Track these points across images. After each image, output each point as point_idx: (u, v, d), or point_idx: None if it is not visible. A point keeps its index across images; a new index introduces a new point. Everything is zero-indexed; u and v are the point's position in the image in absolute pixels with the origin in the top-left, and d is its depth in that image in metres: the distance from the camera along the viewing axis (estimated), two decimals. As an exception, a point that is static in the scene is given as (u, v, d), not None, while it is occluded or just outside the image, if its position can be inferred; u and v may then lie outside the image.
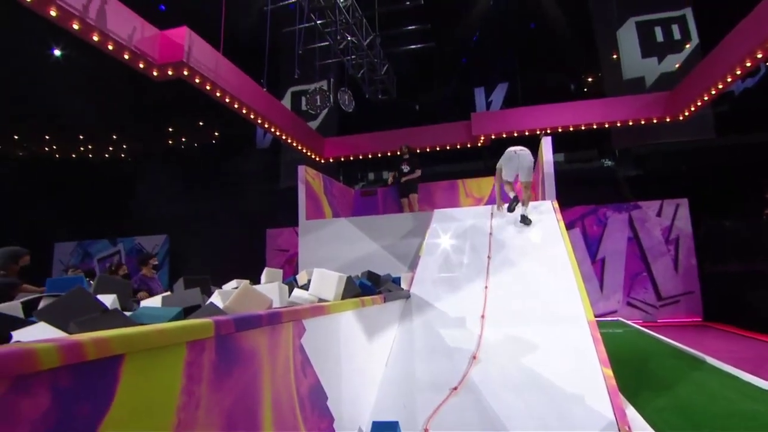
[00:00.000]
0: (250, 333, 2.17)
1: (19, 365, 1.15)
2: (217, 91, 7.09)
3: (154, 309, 2.19)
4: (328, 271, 3.29)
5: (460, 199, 8.69)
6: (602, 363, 3.36)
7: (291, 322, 2.54)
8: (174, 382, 1.70)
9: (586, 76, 12.23)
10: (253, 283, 3.46)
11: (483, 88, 14.49)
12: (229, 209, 11.74)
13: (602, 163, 10.53)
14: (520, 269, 4.89)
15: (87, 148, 18.02)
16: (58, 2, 5.15)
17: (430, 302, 4.73)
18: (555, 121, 9.04)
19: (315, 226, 7.12)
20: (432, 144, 10.13)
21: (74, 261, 12.81)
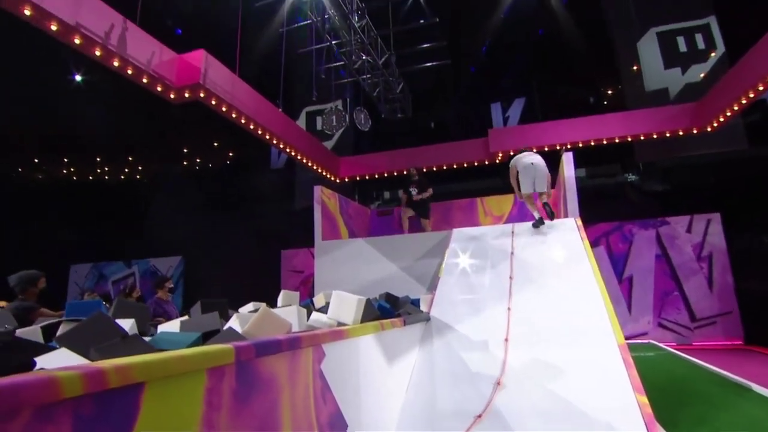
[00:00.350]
0: (270, 359, 2.16)
1: (43, 394, 1.16)
2: (233, 113, 7.27)
3: (172, 334, 2.21)
4: (346, 293, 3.28)
5: (479, 218, 8.64)
6: (636, 389, 3.24)
7: (311, 347, 2.53)
8: (194, 410, 1.69)
9: (606, 89, 12.19)
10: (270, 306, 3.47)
11: (499, 103, 14.54)
12: (243, 230, 11.88)
13: (626, 178, 10.37)
14: (544, 290, 4.80)
15: (103, 170, 18.58)
16: (82, 30, 5.40)
17: (451, 325, 4.66)
18: (575, 136, 8.99)
19: (331, 246, 7.14)
20: (449, 162, 10.16)
21: (89, 283, 13.06)
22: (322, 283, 6.93)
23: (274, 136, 8.14)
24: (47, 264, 13.27)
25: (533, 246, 5.69)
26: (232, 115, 7.31)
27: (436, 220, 9.06)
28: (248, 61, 7.82)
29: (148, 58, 6.35)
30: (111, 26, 5.78)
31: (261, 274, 10.70)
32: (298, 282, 10.20)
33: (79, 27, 5.36)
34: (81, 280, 13.15)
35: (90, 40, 5.54)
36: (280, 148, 8.59)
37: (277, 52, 8.42)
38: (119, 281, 12.67)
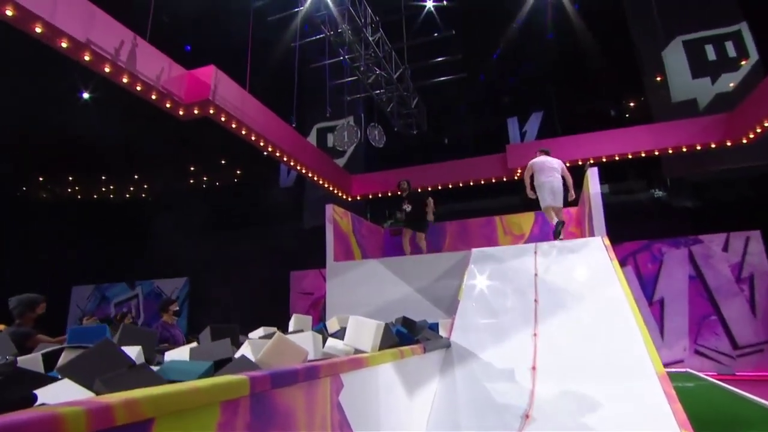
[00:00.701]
0: (286, 390, 2.08)
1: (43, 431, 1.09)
2: (242, 129, 7.33)
3: (182, 363, 2.13)
4: (364, 318, 3.19)
5: (499, 237, 8.51)
6: (681, 425, 3.07)
7: (328, 377, 2.44)
8: (206, 448, 1.61)
9: (628, 101, 12.13)
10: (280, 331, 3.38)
11: (516, 118, 14.55)
12: (251, 250, 11.88)
13: (652, 194, 10.18)
14: (573, 314, 4.64)
15: (108, 188, 18.88)
16: (92, 47, 5.51)
17: (473, 351, 4.52)
18: (599, 150, 8.86)
19: (343, 268, 7.07)
20: (465, 179, 10.10)
21: (91, 305, 13.10)
22: (334, 306, 6.83)
23: (285, 153, 8.18)
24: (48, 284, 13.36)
25: (558, 267, 5.54)
26: (242, 132, 7.36)
27: (453, 239, 8.96)
28: (258, 76, 7.91)
29: (158, 74, 6.45)
30: (121, 42, 5.90)
31: (269, 296, 10.64)
32: (307, 305, 10.11)
33: (90, 44, 5.47)
34: (83, 301, 13.21)
35: (100, 56, 5.66)
36: (290, 165, 8.62)
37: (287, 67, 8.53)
38: (122, 303, 12.69)
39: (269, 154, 8.09)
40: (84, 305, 13.04)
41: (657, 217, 9.42)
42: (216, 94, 6.73)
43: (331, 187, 9.91)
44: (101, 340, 1.94)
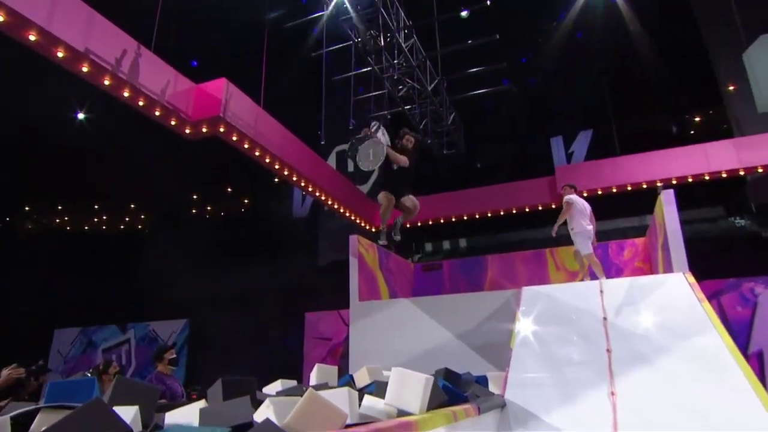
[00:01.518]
0: (325, 467, 1.80)
1: None
2: (256, 150, 7.25)
3: (190, 430, 1.87)
4: (410, 371, 2.90)
5: (550, 273, 8.15)
6: None
7: (372, 449, 2.15)
8: None
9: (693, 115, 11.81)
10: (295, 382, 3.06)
11: (561, 137, 14.33)
12: (260, 289, 11.66)
13: (732, 223, 9.68)
14: (659, 368, 4.26)
15: (101, 219, 19.09)
16: (91, 57, 5.52)
17: (535, 413, 4.15)
18: (665, 171, 8.47)
19: (370, 308, 6.80)
20: (507, 206, 9.80)
21: (75, 352, 12.95)
22: (359, 353, 6.53)
23: (303, 177, 8.06)
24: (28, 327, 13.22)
25: (632, 310, 5.17)
26: (255, 153, 7.29)
27: (495, 276, 8.61)
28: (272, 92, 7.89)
29: (162, 87, 6.45)
30: (123, 52, 5.93)
31: (280, 341, 10.34)
32: (325, 352, 9.78)
33: (89, 53, 5.49)
34: (65, 347, 13.08)
35: (99, 67, 5.67)
36: (308, 191, 8.49)
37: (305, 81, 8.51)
38: (111, 349, 12.51)
39: (285, 178, 7.99)
40: (67, 351, 12.90)
41: (742, 250, 8.88)
42: (227, 111, 6.69)
43: (354, 216, 9.72)
44: (91, 400, 1.69)
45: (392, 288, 7.95)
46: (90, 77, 5.82)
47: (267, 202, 16.64)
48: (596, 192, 8.96)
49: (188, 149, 14.70)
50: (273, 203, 15.94)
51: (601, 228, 11.48)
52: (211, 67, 8.89)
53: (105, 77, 5.85)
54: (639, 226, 10.46)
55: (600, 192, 8.93)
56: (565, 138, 14.28)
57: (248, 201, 18.56)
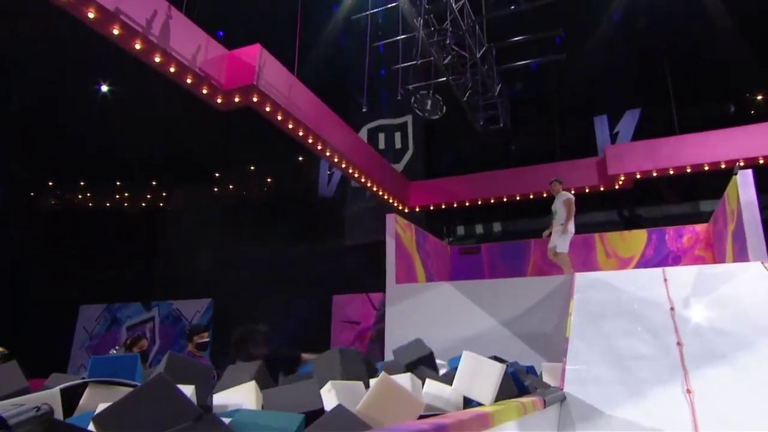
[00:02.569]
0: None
1: None
2: (289, 122, 7.06)
3: (263, 415, 1.69)
4: (483, 358, 2.69)
5: (599, 260, 7.83)
6: None
7: (456, 443, 1.95)
8: None
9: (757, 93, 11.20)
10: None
11: (606, 116, 13.81)
12: (286, 270, 11.58)
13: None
14: (739, 366, 3.98)
15: (123, 197, 19.27)
16: (123, 18, 5.36)
17: (601, 410, 3.92)
18: (731, 152, 7.95)
19: (407, 291, 6.60)
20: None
21: (100, 328, 13.13)
22: (395, 338, 6.33)
23: (336, 152, 7.85)
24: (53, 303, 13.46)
25: (702, 300, 4.86)
26: (288, 126, 7.09)
27: (538, 261, 8.34)
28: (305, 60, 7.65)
29: (194, 53, 6.27)
30: (154, 13, 5.75)
31: (307, 324, 10.27)
32: (352, 336, 9.68)
33: (119, 13, 5.33)
34: (91, 324, 13.27)
35: (130, 29, 5.50)
36: (341, 167, 8.28)
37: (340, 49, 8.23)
38: (136, 326, 12.64)
39: (318, 153, 7.78)
40: (92, 328, 13.09)
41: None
42: (261, 79, 6.49)
43: (387, 195, 9.50)
44: (155, 377, 1.52)
45: (429, 271, 7.75)
46: (121, 40, 5.66)
47: (291, 181, 16.53)
48: (651, 174, 8.53)
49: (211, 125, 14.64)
50: (298, 182, 15.83)
51: (649, 215, 11.10)
52: (238, 35, 8.70)
53: (136, 41, 5.69)
54: (692, 213, 10.03)
55: (655, 174, 8.50)
56: (609, 117, 13.78)
57: (271, 180, 18.51)
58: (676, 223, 8.85)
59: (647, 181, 8.95)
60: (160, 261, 13.43)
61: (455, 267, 8.55)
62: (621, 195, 9.28)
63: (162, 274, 12.90)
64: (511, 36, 8.12)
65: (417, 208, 10.35)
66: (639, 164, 8.56)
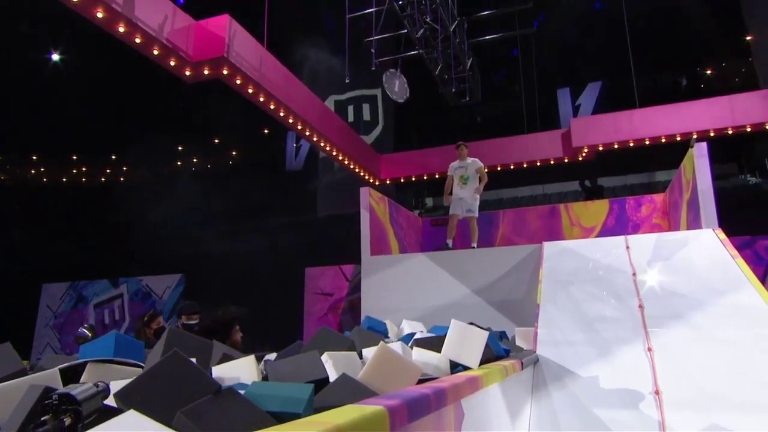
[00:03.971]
0: (418, 425, 1.71)
1: None
2: (260, 96, 6.93)
3: (274, 387, 1.74)
4: (469, 325, 2.81)
5: (564, 229, 8.11)
6: None
7: (452, 404, 2.07)
8: None
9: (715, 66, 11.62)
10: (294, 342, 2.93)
11: (568, 89, 14.09)
12: (256, 243, 11.52)
13: (746, 180, 9.70)
14: (695, 324, 4.26)
15: (80, 171, 18.52)
16: (84, -15, 5.11)
17: (571, 370, 4.15)
18: (687, 125, 8.32)
19: (381, 263, 6.71)
20: (518, 160, 9.65)
21: (65, 306, 12.77)
22: (371, 309, 6.46)
23: (308, 126, 7.78)
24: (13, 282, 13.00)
25: (662, 266, 5.16)
26: (259, 99, 6.97)
27: (507, 232, 8.57)
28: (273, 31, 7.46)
29: (160, 23, 6.05)
30: (118, -20, 5.49)
31: (279, 297, 10.29)
32: (326, 307, 9.75)
33: (81, -20, 5.07)
34: (55, 302, 12.88)
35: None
36: (313, 141, 8.21)
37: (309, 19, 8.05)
38: (103, 304, 12.35)
39: (290, 126, 7.71)
40: (56, 306, 12.71)
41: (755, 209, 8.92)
42: (231, 51, 6.32)
43: (358, 168, 9.51)
44: (171, 353, 1.55)
45: (402, 243, 7.86)
46: (82, 8, 5.41)
47: (257, 153, 16.28)
48: (612, 146, 8.84)
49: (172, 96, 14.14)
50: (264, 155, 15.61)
51: (611, 184, 11.51)
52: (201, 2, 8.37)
53: (98, 9, 5.44)
54: (649, 183, 10.45)
55: (616, 146, 8.81)
56: (572, 90, 14.06)
57: (236, 153, 18.14)
58: (635, 192, 9.22)
59: (609, 153, 9.26)
60: (125, 236, 13.08)
61: (427, 238, 8.69)
62: (584, 166, 9.57)
63: (128, 249, 12.59)
64: (483, 9, 8.15)
65: (387, 181, 10.42)
66: (601, 137, 8.85)
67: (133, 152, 15.65)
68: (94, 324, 10.34)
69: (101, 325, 11.73)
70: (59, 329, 12.22)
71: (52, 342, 12.13)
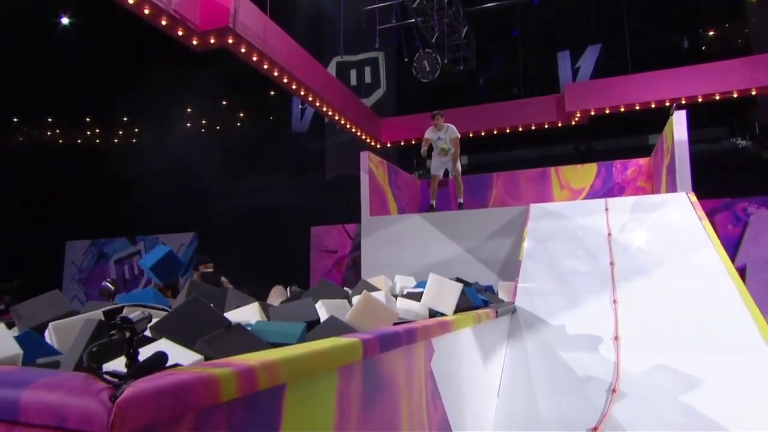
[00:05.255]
0: (390, 355, 2.11)
1: (205, 395, 1.10)
2: (264, 63, 7.13)
3: (273, 325, 2.14)
4: (445, 279, 3.19)
5: (554, 192, 8.41)
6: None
7: (422, 341, 2.47)
8: (328, 417, 1.65)
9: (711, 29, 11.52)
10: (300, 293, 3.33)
11: (568, 51, 14.02)
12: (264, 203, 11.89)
13: (734, 144, 9.83)
14: (657, 280, 4.62)
15: (94, 133, 18.80)
16: (96, -40, 5.28)
17: (543, 318, 4.56)
18: (676, 91, 8.45)
19: (380, 223, 7.07)
20: (513, 124, 9.84)
21: (88, 262, 13.38)
22: (370, 266, 6.88)
23: (310, 91, 7.99)
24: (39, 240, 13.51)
25: (635, 226, 5.48)
26: (263, 66, 7.17)
27: (500, 194, 8.88)
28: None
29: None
30: (127, -45, 5.66)
31: (286, 254, 10.76)
32: (330, 263, 10.23)
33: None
34: (79, 258, 13.49)
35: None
36: (316, 106, 8.45)
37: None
38: (123, 260, 12.94)
39: (293, 92, 7.92)
40: (80, 262, 13.33)
41: (742, 171, 9.13)
42: (236, 21, 6.50)
43: (358, 131, 9.76)
44: (191, 298, 1.93)
45: (400, 204, 8.21)
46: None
47: (265, 116, 16.44)
48: (604, 111, 9.00)
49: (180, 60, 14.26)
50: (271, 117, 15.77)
51: (606, 147, 11.68)
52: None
53: (110, -17, 5.64)
54: (642, 146, 10.62)
55: (608, 111, 8.97)
56: (572, 53, 13.98)
57: (244, 115, 18.29)
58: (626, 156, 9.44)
59: (602, 117, 9.41)
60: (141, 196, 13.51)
61: (425, 199, 9.02)
62: (577, 130, 9.76)
63: (144, 209, 13.04)
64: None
65: (388, 144, 10.67)
66: (594, 101, 8.99)
67: (145, 115, 15.87)
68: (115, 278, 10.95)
69: (122, 280, 12.36)
70: (84, 283, 12.88)
71: (78, 295, 12.80)
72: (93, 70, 14.79)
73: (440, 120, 7.37)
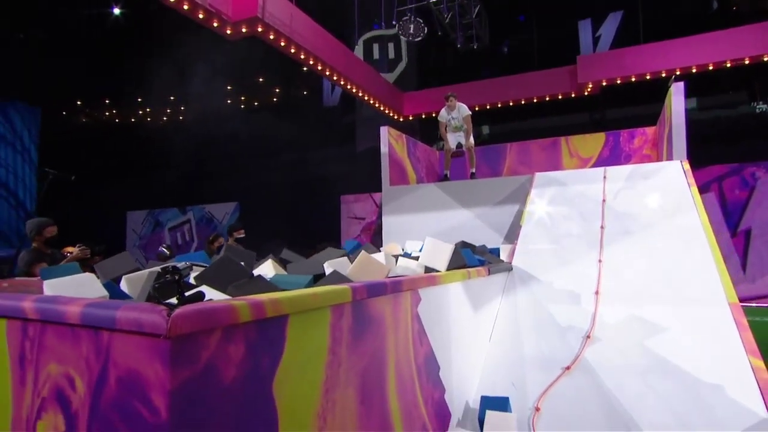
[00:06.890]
0: (378, 300, 2.59)
1: (229, 317, 1.61)
2: (291, 48, 7.54)
3: (288, 277, 2.68)
4: (440, 241, 3.64)
5: (564, 160, 8.59)
6: (750, 353, 3.36)
7: (409, 290, 2.95)
8: (323, 342, 2.15)
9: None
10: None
11: (590, 19, 13.73)
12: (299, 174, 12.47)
13: (753, 109, 9.53)
14: (642, 242, 4.91)
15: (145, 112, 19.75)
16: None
17: (535, 276, 4.94)
18: (688, 59, 8.37)
19: (399, 192, 7.49)
20: (528, 95, 9.96)
21: (146, 231, 14.46)
22: (390, 231, 7.36)
23: (335, 71, 8.38)
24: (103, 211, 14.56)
25: (629, 193, 5.71)
26: (290, 50, 7.59)
27: (513, 162, 9.13)
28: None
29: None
30: (167, -42, 6.11)
31: (319, 221, 11.37)
32: (359, 229, 10.79)
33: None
34: (138, 227, 14.60)
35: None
36: (341, 84, 8.85)
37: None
38: (175, 228, 13.93)
39: (318, 72, 8.33)
40: (139, 230, 14.44)
41: (752, 136, 8.99)
42: (265, 11, 6.91)
43: (382, 106, 10.11)
44: (223, 256, 2.48)
45: (419, 174, 8.60)
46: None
47: (297, 92, 16.87)
48: (615, 81, 9.01)
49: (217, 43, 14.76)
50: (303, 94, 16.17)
51: (617, 116, 11.60)
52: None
53: (153, -17, 6.12)
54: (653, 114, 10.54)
55: (619, 81, 8.97)
56: (593, 20, 13.67)
57: (279, 91, 18.78)
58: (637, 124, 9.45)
59: (614, 87, 9.41)
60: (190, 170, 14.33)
61: (442, 169, 9.37)
62: (589, 101, 9.77)
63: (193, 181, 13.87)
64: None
65: (410, 117, 10.99)
66: (606, 72, 9.01)
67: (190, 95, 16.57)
68: (170, 244, 11.93)
69: (176, 245, 13.37)
70: (143, 249, 14.00)
71: (139, 259, 13.96)
72: (143, 59, 15.52)
73: (453, 101, 7.66)
